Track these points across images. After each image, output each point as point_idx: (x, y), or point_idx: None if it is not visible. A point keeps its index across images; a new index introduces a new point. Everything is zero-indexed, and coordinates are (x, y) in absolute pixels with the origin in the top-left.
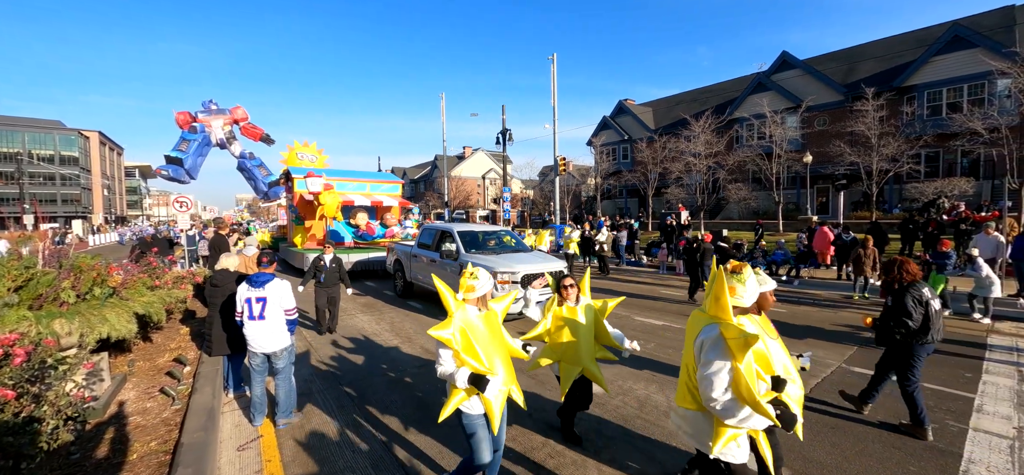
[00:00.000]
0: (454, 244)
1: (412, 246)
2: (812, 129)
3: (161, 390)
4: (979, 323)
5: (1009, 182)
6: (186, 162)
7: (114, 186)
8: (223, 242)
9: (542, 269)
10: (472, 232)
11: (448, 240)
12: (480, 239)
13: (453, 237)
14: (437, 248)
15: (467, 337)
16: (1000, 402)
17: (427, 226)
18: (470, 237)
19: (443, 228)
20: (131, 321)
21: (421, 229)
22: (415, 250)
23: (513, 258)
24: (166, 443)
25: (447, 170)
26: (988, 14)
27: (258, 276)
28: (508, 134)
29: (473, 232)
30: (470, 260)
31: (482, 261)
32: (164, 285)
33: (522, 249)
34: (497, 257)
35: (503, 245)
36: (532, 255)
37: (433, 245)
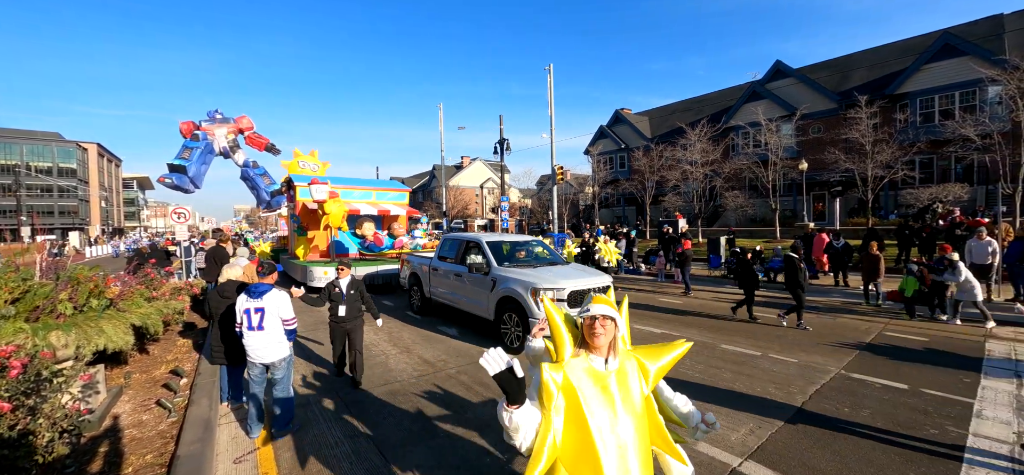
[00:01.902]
0: (483, 256)
1: (430, 258)
2: (807, 137)
3: (157, 402)
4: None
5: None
6: (190, 170)
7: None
8: (223, 253)
9: (591, 285)
10: (502, 242)
11: (474, 251)
12: (512, 250)
13: (481, 248)
14: (462, 260)
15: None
16: (999, 407)
17: (448, 236)
18: (500, 248)
19: (469, 238)
20: (128, 333)
21: (442, 240)
22: (435, 263)
23: (554, 272)
24: (162, 456)
25: (445, 180)
26: (978, 23)
27: (257, 287)
28: (506, 144)
29: (503, 242)
30: (503, 274)
31: (518, 276)
32: (161, 297)
33: (557, 261)
34: (535, 271)
35: (537, 257)
36: (575, 268)
37: (457, 257)
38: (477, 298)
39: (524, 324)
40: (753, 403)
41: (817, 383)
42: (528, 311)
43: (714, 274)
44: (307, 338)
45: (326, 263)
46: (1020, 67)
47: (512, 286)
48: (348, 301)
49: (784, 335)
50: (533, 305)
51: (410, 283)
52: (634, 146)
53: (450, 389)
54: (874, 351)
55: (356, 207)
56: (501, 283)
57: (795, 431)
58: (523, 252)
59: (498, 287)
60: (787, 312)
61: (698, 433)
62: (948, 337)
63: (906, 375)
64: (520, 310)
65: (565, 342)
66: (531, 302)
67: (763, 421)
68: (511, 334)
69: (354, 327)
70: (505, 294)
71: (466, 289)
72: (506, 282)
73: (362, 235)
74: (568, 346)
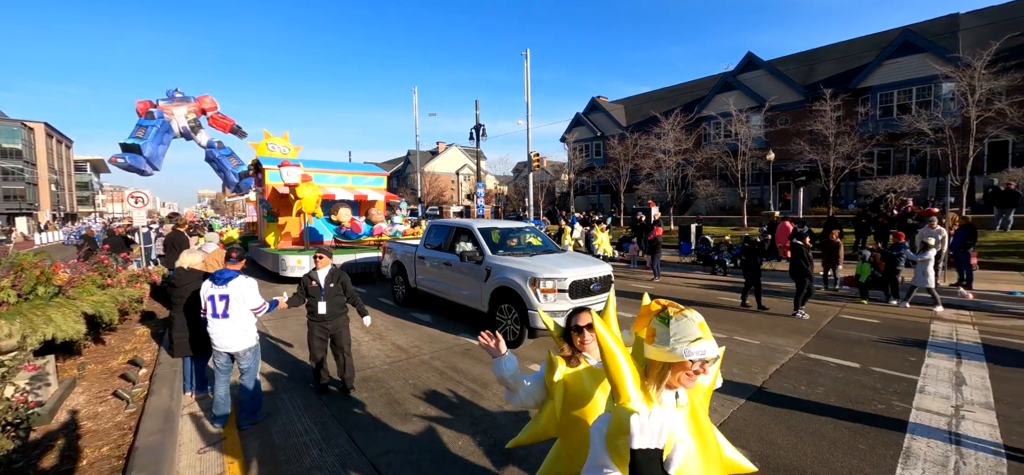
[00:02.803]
0: (474, 244)
1: (416, 246)
2: (775, 128)
3: (114, 393)
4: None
5: (952, 179)
6: (145, 149)
7: (63, 181)
8: (182, 239)
9: (593, 275)
10: (494, 228)
11: (464, 238)
12: (505, 237)
13: (473, 235)
14: (451, 248)
15: None
16: (940, 383)
17: (436, 222)
18: (492, 235)
19: (459, 225)
20: (79, 321)
21: (428, 226)
22: (421, 250)
23: (552, 261)
24: (119, 447)
25: (420, 165)
26: (936, 21)
27: (222, 273)
28: (482, 129)
29: (496, 228)
30: (498, 263)
31: (515, 265)
32: (117, 284)
33: (553, 249)
34: (531, 259)
35: (531, 245)
36: (573, 257)
37: (446, 245)
38: (469, 288)
39: (522, 316)
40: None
41: (777, 363)
42: (527, 302)
43: (684, 261)
44: (272, 337)
45: (299, 251)
46: (972, 65)
47: (509, 276)
48: (329, 296)
49: (748, 319)
50: (532, 296)
51: (393, 272)
52: (610, 134)
53: (423, 375)
54: (831, 333)
55: (331, 192)
56: (496, 273)
57: (755, 408)
58: (516, 239)
59: (493, 277)
60: (802, 302)
61: None
62: (898, 319)
63: (858, 355)
64: (518, 302)
65: (627, 377)
66: (530, 293)
67: (726, 399)
68: (507, 327)
69: (337, 326)
70: (501, 284)
71: (457, 279)
72: (502, 272)
73: (338, 221)
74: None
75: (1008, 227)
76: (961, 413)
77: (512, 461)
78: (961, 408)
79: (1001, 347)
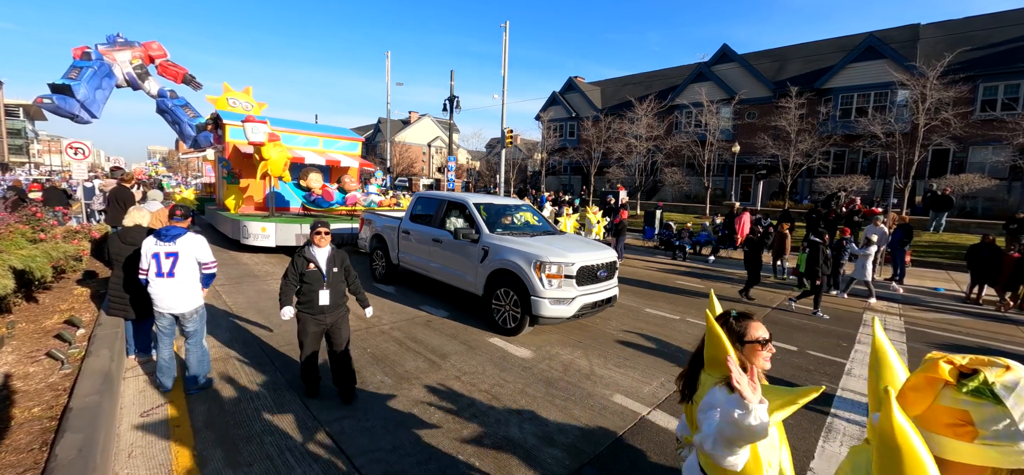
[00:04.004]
0: (469, 220)
1: (399, 218)
2: (742, 121)
3: (48, 354)
4: (843, 300)
5: (896, 182)
6: (78, 92)
7: None
8: (127, 195)
9: (601, 260)
10: (492, 205)
11: (457, 213)
12: (498, 214)
13: (468, 211)
14: (441, 224)
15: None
16: (865, 367)
17: (423, 194)
18: (491, 211)
19: (451, 199)
20: (6, 275)
21: (415, 197)
22: (406, 224)
23: (556, 243)
24: (52, 409)
25: (391, 135)
26: (898, 29)
27: (168, 229)
28: (456, 101)
29: (494, 205)
30: (496, 242)
31: (516, 246)
32: (52, 238)
33: (552, 231)
34: (532, 240)
35: (528, 224)
36: (576, 240)
37: (435, 219)
38: (461, 269)
39: (524, 302)
40: (667, 360)
41: None
42: (529, 288)
43: (647, 244)
44: (224, 301)
45: (264, 218)
46: (926, 74)
47: (509, 257)
48: (332, 282)
49: (701, 304)
50: (537, 281)
51: (372, 246)
52: (584, 115)
53: (381, 344)
54: (775, 318)
55: (300, 155)
56: (495, 253)
57: None
58: (510, 218)
59: (491, 257)
60: (800, 297)
61: None
62: (836, 308)
63: (797, 339)
64: (519, 286)
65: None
66: (534, 277)
67: (673, 376)
68: (505, 313)
69: (338, 319)
70: (500, 267)
71: (447, 257)
72: (501, 252)
73: (307, 187)
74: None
75: (941, 229)
76: None
77: (465, 427)
78: None
79: (921, 336)
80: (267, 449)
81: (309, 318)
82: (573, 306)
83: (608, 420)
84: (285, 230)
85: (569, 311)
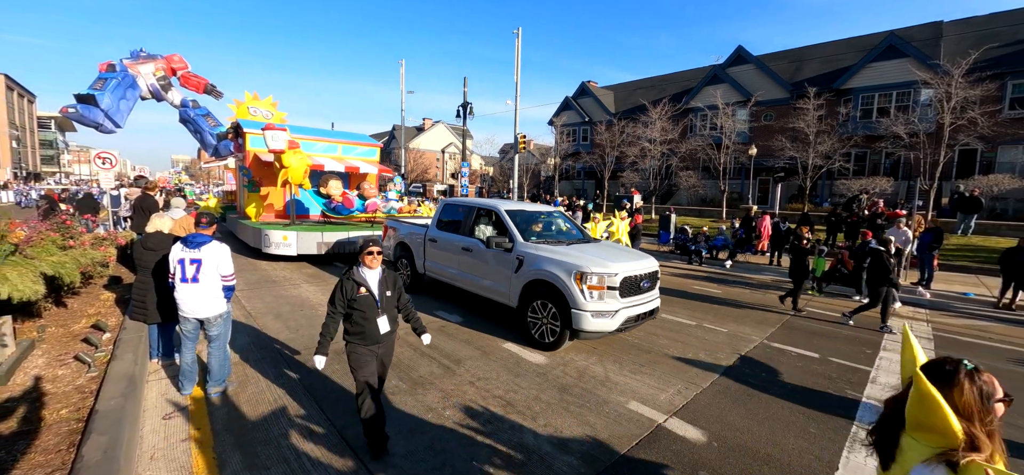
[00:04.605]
0: (503, 228)
1: (424, 226)
2: (759, 123)
3: (75, 357)
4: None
5: (921, 183)
6: (102, 101)
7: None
8: (151, 202)
9: (644, 270)
10: (524, 212)
11: (486, 220)
12: (529, 221)
13: (500, 218)
14: (470, 232)
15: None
16: (892, 374)
17: (451, 201)
18: (522, 219)
19: (481, 205)
20: (37, 282)
21: (442, 205)
22: (433, 232)
23: (594, 251)
24: (79, 411)
25: (405, 141)
26: (921, 27)
27: (194, 237)
28: (469, 108)
29: (525, 212)
30: (532, 252)
31: (554, 255)
32: (80, 245)
33: (586, 238)
34: (568, 249)
35: (561, 231)
36: (615, 248)
37: (464, 227)
38: (494, 279)
39: (563, 315)
40: (683, 366)
41: (742, 350)
42: (569, 300)
43: (662, 249)
44: (243, 306)
45: (284, 226)
46: (950, 73)
47: (547, 267)
48: (386, 307)
49: (718, 309)
50: (578, 293)
51: (396, 255)
52: (597, 120)
53: (397, 349)
54: (796, 324)
55: (319, 162)
56: (531, 263)
57: (717, 392)
58: (541, 224)
59: (527, 267)
60: (856, 311)
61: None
62: (860, 314)
63: (819, 345)
64: (557, 298)
65: None
66: (575, 289)
67: (690, 383)
68: (543, 327)
69: (390, 349)
70: (537, 277)
71: (477, 267)
72: (537, 262)
73: (327, 195)
74: None
75: (969, 232)
76: None
77: (479, 433)
78: None
79: (950, 343)
80: (284, 452)
81: (364, 350)
82: (616, 319)
83: (624, 428)
84: (306, 239)
85: (612, 325)
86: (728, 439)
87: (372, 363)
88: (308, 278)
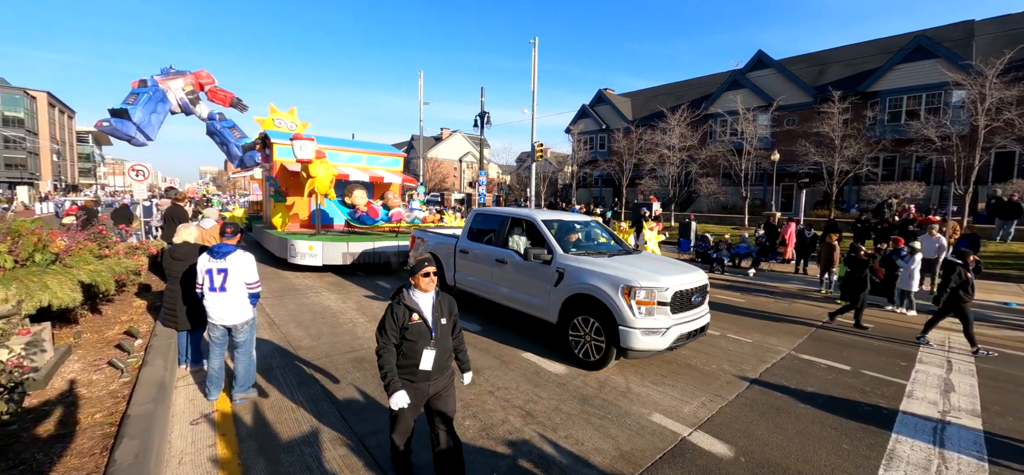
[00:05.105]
0: (538, 240)
1: (454, 236)
2: (781, 128)
3: (109, 362)
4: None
5: (955, 188)
6: (134, 115)
7: (65, 151)
8: (181, 213)
9: (693, 284)
10: (561, 222)
11: (519, 231)
12: (565, 231)
13: (538, 229)
14: (503, 243)
15: None
16: (929, 388)
17: (483, 211)
18: (561, 229)
19: (515, 215)
20: (75, 290)
21: (473, 214)
22: (464, 242)
23: (640, 264)
24: (112, 415)
25: (424, 151)
26: (951, 27)
27: (220, 247)
28: (487, 117)
29: (562, 222)
30: (573, 264)
31: (596, 268)
32: (115, 255)
33: (624, 248)
34: (611, 261)
35: (600, 242)
36: (662, 260)
37: (497, 238)
38: (530, 293)
39: (610, 332)
40: (707, 378)
41: (768, 362)
42: (617, 316)
43: (683, 257)
44: (268, 314)
45: (309, 236)
46: (984, 73)
47: (591, 280)
48: (439, 338)
49: (742, 319)
50: (626, 309)
51: None
52: (615, 127)
53: None
54: (824, 335)
55: (344, 172)
56: (573, 276)
57: (743, 405)
58: (577, 234)
59: (568, 280)
60: (927, 330)
61: None
62: (893, 324)
63: (849, 357)
64: (602, 314)
65: None
66: (623, 304)
67: (715, 395)
68: (586, 344)
69: (442, 386)
70: (580, 291)
71: (512, 280)
72: (581, 275)
73: (352, 204)
74: None
75: (1008, 238)
76: (947, 418)
77: (499, 444)
78: (948, 413)
79: (992, 356)
80: (306, 460)
81: (406, 385)
82: (668, 337)
83: (647, 440)
84: (332, 249)
85: (663, 343)
86: (756, 454)
87: (414, 408)
88: (329, 286)
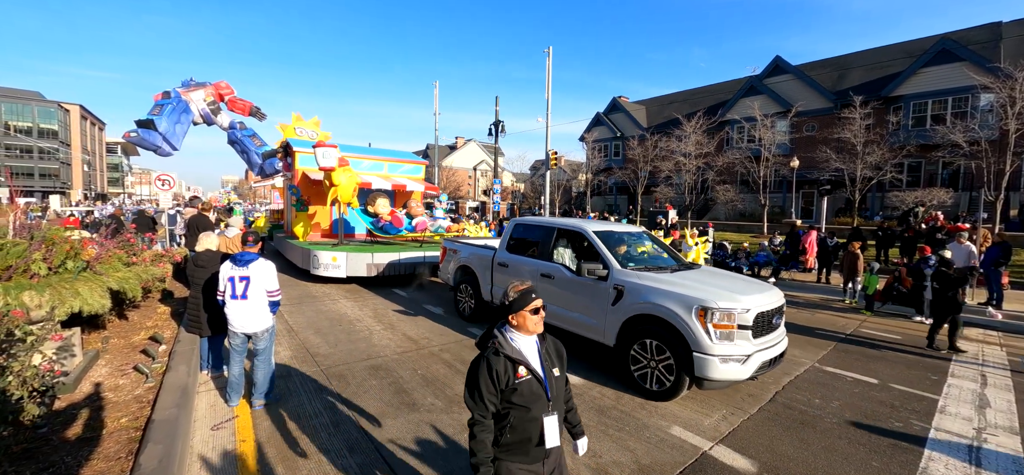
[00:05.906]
0: (588, 254)
1: (490, 248)
2: (800, 134)
3: (135, 367)
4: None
5: (985, 194)
6: (160, 125)
7: (95, 162)
8: (204, 221)
9: (773, 304)
10: (613, 234)
11: (565, 242)
12: (617, 244)
13: (591, 242)
14: (548, 256)
15: None
16: (962, 404)
17: (524, 221)
18: (613, 241)
19: (561, 226)
20: (104, 296)
21: (512, 225)
22: (502, 255)
23: (707, 280)
24: (137, 420)
25: (438, 160)
26: (976, 29)
27: (242, 255)
28: (501, 126)
29: (614, 234)
30: (634, 282)
31: (663, 285)
32: (141, 262)
33: (682, 262)
34: (678, 277)
35: (654, 257)
36: (732, 277)
37: (541, 251)
38: (582, 312)
39: (680, 359)
40: (728, 390)
41: (791, 374)
42: (690, 341)
43: None
44: (286, 321)
45: (332, 246)
46: (1013, 76)
47: (657, 300)
48: (556, 397)
49: None
50: (702, 333)
51: (458, 279)
52: (629, 135)
53: (432, 366)
54: (850, 347)
55: (367, 180)
56: (636, 295)
57: (766, 419)
58: (626, 246)
59: (629, 299)
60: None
61: None
62: (922, 335)
63: (877, 370)
64: (672, 338)
65: None
66: (697, 328)
67: (736, 408)
68: (651, 373)
69: (558, 462)
70: (644, 311)
71: (562, 297)
72: (645, 293)
73: (375, 213)
74: None
75: None
76: (983, 436)
77: None
78: (983, 431)
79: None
80: (325, 467)
81: (512, 465)
82: (749, 366)
83: (667, 454)
84: (356, 260)
85: (744, 372)
86: (780, 470)
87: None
88: (346, 293)
